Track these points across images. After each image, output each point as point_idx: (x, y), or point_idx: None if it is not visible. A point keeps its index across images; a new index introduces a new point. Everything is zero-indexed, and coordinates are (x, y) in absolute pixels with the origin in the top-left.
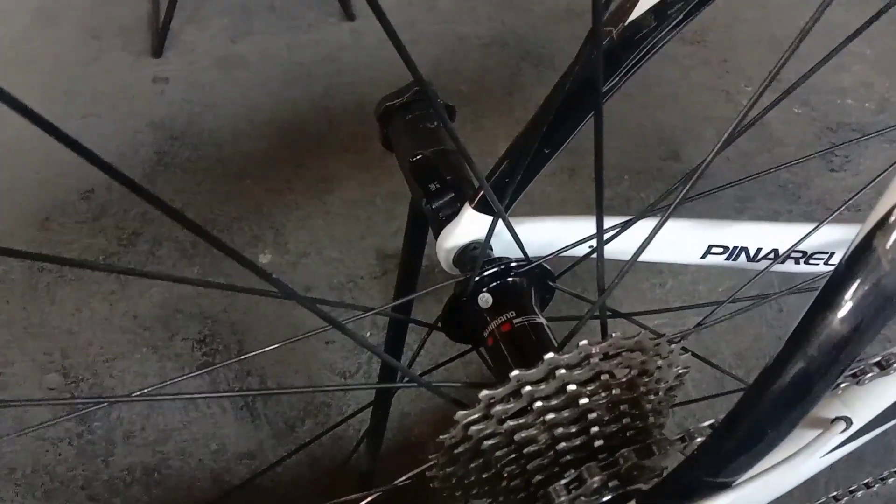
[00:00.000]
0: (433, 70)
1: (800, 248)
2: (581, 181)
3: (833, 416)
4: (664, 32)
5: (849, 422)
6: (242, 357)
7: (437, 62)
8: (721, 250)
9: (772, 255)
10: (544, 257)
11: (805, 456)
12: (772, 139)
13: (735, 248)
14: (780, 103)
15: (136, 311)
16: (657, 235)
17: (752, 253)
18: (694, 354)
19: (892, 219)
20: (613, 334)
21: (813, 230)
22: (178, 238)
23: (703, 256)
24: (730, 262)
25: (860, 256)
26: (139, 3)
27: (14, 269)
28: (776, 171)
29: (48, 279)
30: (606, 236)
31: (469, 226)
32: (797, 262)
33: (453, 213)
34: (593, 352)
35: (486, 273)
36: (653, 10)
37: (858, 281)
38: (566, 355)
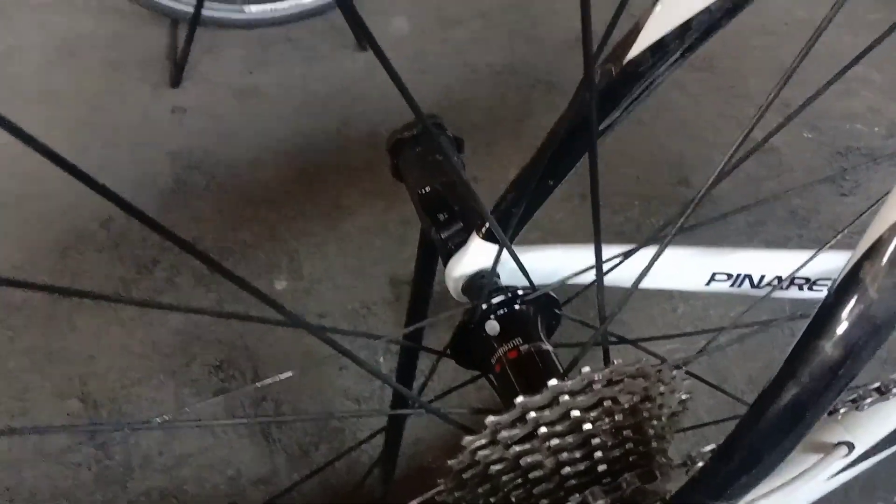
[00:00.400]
0: (445, 99)
1: (803, 274)
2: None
3: (836, 441)
4: (662, 69)
5: (851, 447)
6: (258, 384)
7: (449, 91)
8: (725, 277)
9: (775, 282)
10: (548, 286)
11: (807, 479)
12: (781, 164)
13: (739, 275)
14: (789, 128)
15: (154, 337)
16: (662, 263)
17: (755, 280)
18: (699, 378)
19: (879, 249)
20: (615, 361)
21: (811, 258)
22: (195, 266)
23: (708, 283)
24: (734, 289)
25: (848, 285)
26: (158, 36)
27: (34, 297)
28: (786, 198)
29: (68, 306)
30: (609, 265)
31: (476, 255)
32: (801, 289)
33: (461, 243)
34: (595, 378)
35: (492, 301)
36: (651, 49)
37: (847, 309)
38: (569, 382)
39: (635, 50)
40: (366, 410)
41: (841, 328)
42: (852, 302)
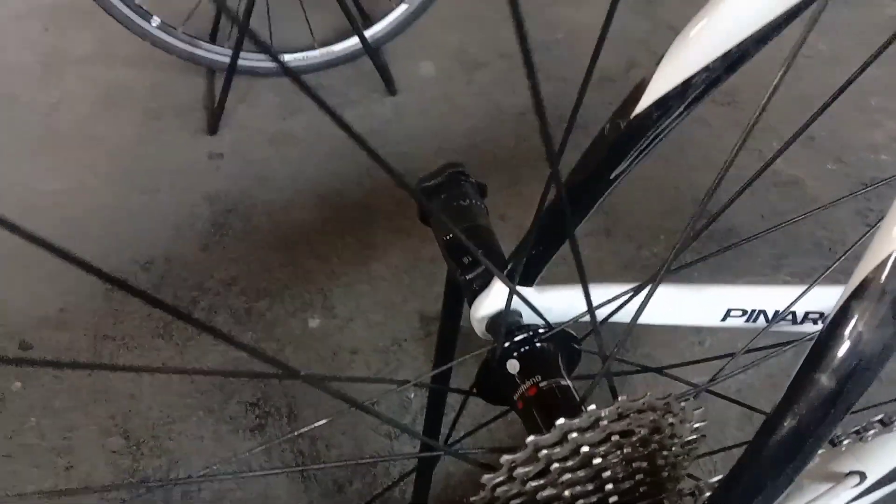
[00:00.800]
0: (471, 138)
1: (815, 308)
2: (617, 241)
3: (847, 471)
4: (667, 123)
5: (863, 476)
6: (296, 433)
7: (474, 131)
8: (740, 313)
9: (790, 317)
10: (563, 324)
11: None
12: (806, 196)
13: (753, 311)
14: (813, 160)
15: (193, 375)
16: (677, 299)
17: (769, 315)
18: (723, 396)
19: (865, 288)
20: (621, 397)
21: (804, 291)
22: (233, 306)
23: (724, 319)
24: (750, 325)
25: (840, 322)
26: (196, 85)
27: (80, 338)
28: (812, 230)
29: (111, 347)
30: (618, 302)
31: (498, 296)
32: (815, 323)
33: (485, 284)
34: (602, 415)
35: (513, 340)
36: (655, 104)
37: (839, 345)
38: (576, 420)
39: (642, 105)
40: (394, 455)
41: (834, 362)
42: (844, 338)
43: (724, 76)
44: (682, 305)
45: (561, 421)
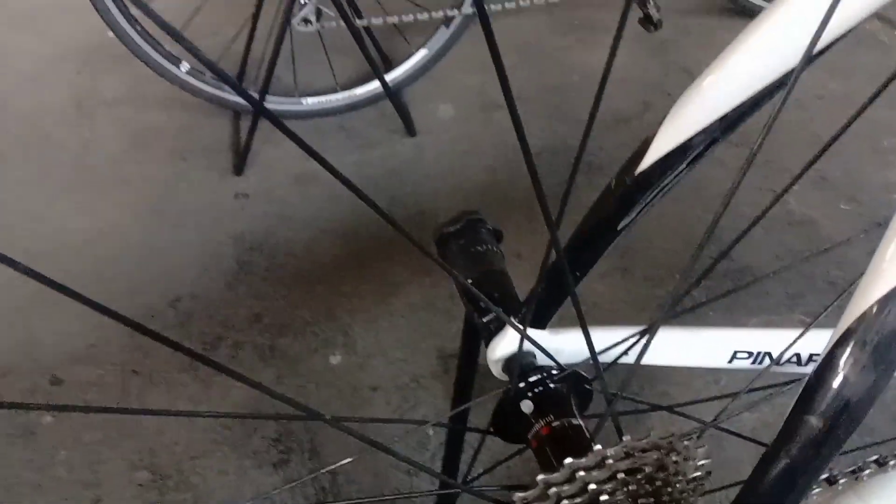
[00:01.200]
0: (489, 178)
1: (819, 351)
2: (634, 281)
3: None
4: (670, 179)
5: None
6: (322, 471)
7: (493, 171)
8: (746, 355)
9: (794, 359)
10: (574, 365)
11: None
12: (820, 236)
13: (759, 353)
14: (826, 200)
15: (218, 411)
16: (685, 342)
17: (774, 357)
18: (730, 432)
19: (849, 338)
20: (626, 437)
21: (800, 334)
22: (257, 343)
23: (730, 361)
24: (756, 366)
25: (827, 369)
26: (223, 127)
27: (108, 374)
28: (827, 269)
29: (139, 383)
30: (626, 345)
31: (513, 338)
32: None
33: (500, 326)
34: (608, 454)
35: (528, 381)
36: (658, 163)
37: (827, 390)
38: (583, 459)
39: (645, 163)
40: (413, 493)
41: (822, 405)
42: (831, 383)
43: (723, 136)
44: (689, 348)
45: (569, 460)
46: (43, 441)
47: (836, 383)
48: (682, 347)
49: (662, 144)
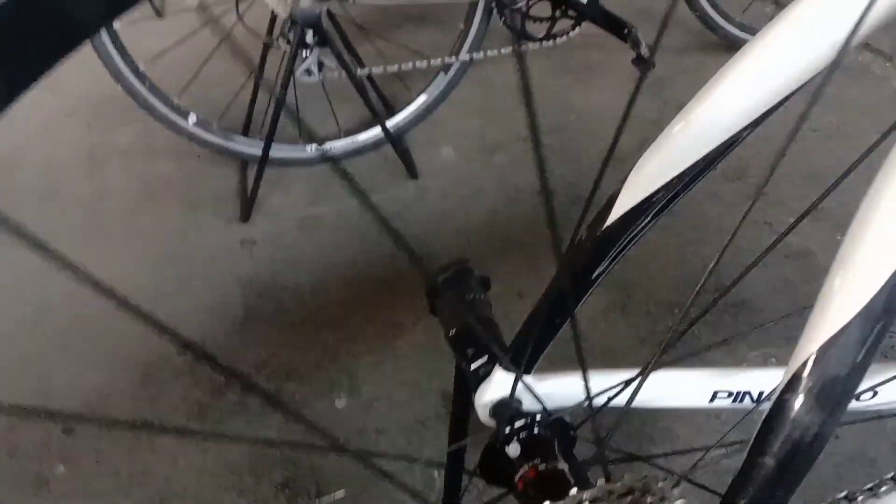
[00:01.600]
0: (491, 218)
1: None
2: (633, 316)
3: None
4: (635, 233)
5: None
6: (316, 501)
7: (494, 211)
8: (726, 395)
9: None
10: (563, 410)
11: None
12: (817, 268)
13: (739, 392)
14: (824, 232)
15: (226, 457)
16: (667, 384)
17: (755, 396)
18: (702, 486)
19: (796, 383)
20: (598, 482)
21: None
22: (264, 388)
23: (711, 401)
24: (736, 405)
25: (778, 413)
26: (230, 175)
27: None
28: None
29: (149, 430)
30: (615, 390)
31: (499, 385)
32: None
33: (488, 373)
34: (584, 498)
35: (514, 426)
36: (622, 218)
37: (779, 432)
38: (560, 502)
39: (611, 218)
40: None
41: (775, 447)
42: (782, 425)
43: (683, 191)
44: (671, 390)
45: (547, 502)
46: (56, 491)
47: (786, 426)
48: (664, 390)
49: (626, 201)
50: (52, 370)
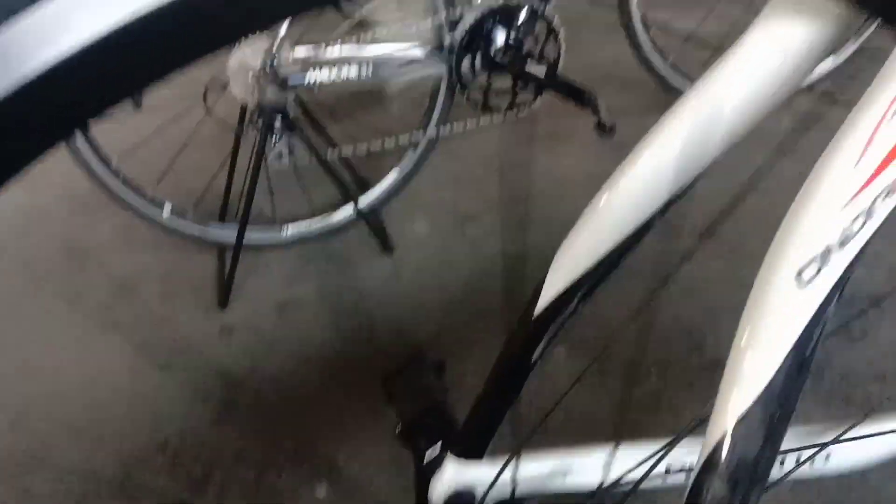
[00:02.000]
0: (465, 289)
1: None
2: (612, 380)
3: None
4: (565, 317)
5: None
6: None
7: (468, 282)
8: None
9: None
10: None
11: None
12: None
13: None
14: None
15: None
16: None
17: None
18: None
19: (710, 466)
20: None
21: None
22: (244, 479)
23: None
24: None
25: (697, 492)
26: (207, 262)
27: None
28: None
29: None
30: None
31: (451, 474)
32: None
33: (440, 463)
34: None
35: None
36: (549, 307)
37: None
38: None
39: (539, 307)
40: None
41: None
42: (707, 488)
43: (607, 275)
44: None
45: None
46: None
47: (712, 491)
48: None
49: (550, 291)
50: (32, 483)
